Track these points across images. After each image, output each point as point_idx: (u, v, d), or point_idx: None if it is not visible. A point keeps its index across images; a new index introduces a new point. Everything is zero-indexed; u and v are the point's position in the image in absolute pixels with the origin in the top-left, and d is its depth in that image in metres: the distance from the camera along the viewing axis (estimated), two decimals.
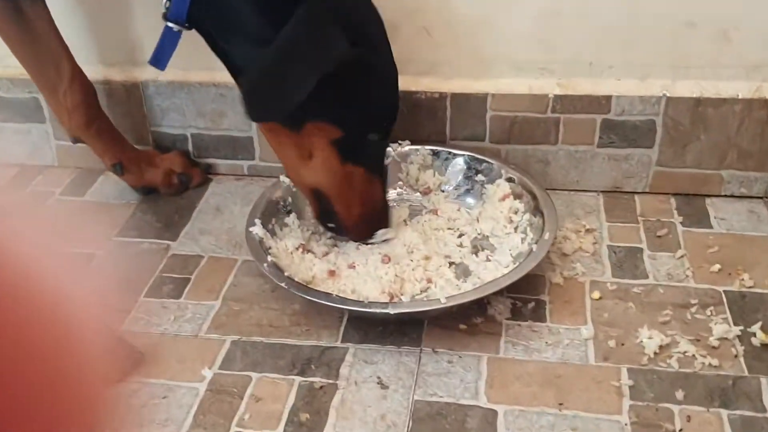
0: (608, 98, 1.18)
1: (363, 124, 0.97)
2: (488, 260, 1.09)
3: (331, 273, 1.06)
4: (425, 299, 1.01)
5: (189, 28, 0.95)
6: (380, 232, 1.08)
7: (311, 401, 0.93)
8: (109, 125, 1.24)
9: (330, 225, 1.07)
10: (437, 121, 1.24)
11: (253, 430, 0.90)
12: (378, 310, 0.96)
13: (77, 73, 1.17)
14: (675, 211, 1.20)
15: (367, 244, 1.08)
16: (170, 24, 0.95)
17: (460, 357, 0.97)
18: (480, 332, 1.01)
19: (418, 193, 1.21)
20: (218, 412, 0.92)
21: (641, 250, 1.13)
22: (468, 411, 0.90)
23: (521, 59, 1.20)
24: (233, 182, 1.32)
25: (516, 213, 1.14)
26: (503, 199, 1.16)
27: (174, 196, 1.28)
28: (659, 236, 1.15)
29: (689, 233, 1.16)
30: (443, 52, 1.21)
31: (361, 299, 0.99)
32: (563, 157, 1.24)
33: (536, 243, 1.04)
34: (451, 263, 1.08)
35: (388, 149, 1.12)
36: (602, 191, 1.25)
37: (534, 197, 1.13)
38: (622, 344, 0.98)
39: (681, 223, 1.18)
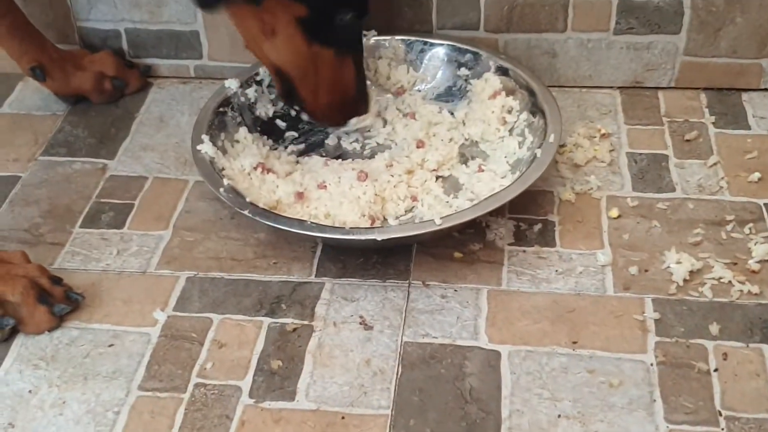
0: None
1: (331, 1, 0.99)
2: (481, 170, 1.09)
3: (299, 195, 1.05)
4: (415, 221, 1.01)
5: None
6: (353, 120, 1.10)
7: (283, 346, 0.93)
8: (25, 21, 1.21)
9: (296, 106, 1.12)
10: (421, 6, 1.22)
11: (217, 381, 0.91)
12: (361, 237, 0.96)
13: None
14: (706, 110, 1.21)
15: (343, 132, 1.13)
16: None
17: (456, 291, 0.98)
18: (478, 261, 1.01)
19: (390, 95, 1.20)
20: (175, 361, 0.92)
21: (666, 157, 1.14)
22: (466, 353, 0.92)
23: None
24: (178, 86, 1.30)
25: (510, 112, 1.14)
26: (493, 96, 1.15)
27: (108, 105, 1.26)
28: (688, 140, 1.16)
29: (723, 136, 1.16)
30: None
31: (339, 225, 1.00)
32: (573, 48, 1.23)
33: (539, 148, 1.04)
34: (437, 177, 1.09)
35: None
36: (620, 87, 1.25)
37: (532, 93, 1.13)
38: (646, 271, 0.99)
39: (713, 123, 1.18)
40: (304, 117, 1.14)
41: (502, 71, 1.16)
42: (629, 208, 1.07)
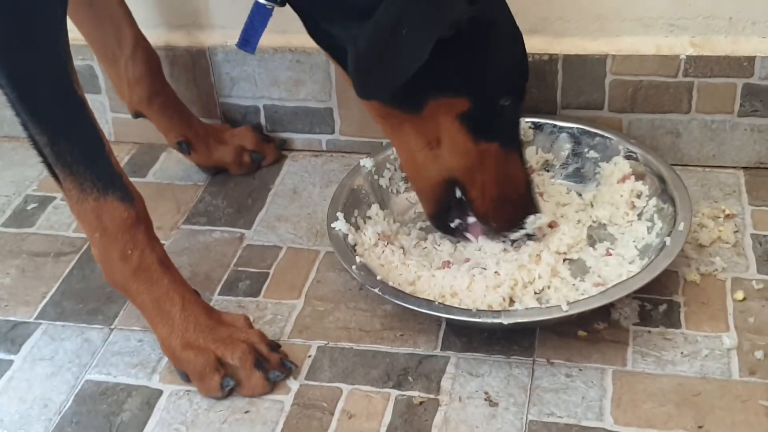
0: (751, 59, 1.15)
1: (493, 89, 0.97)
2: (609, 254, 1.07)
3: (446, 264, 1.06)
4: (542, 306, 0.99)
5: (282, 5, 0.95)
6: (530, 219, 1.05)
7: (410, 419, 0.93)
8: (174, 98, 1.25)
9: (451, 225, 1.07)
10: (547, 87, 1.22)
11: None
12: (488, 320, 0.96)
13: (140, 39, 1.19)
14: None
15: (508, 238, 1.07)
16: (262, 0, 0.94)
17: (581, 370, 0.97)
18: (603, 340, 1.00)
19: None
20: (307, 430, 0.93)
21: None
22: None
23: (647, 14, 1.17)
24: (310, 159, 1.33)
25: (639, 197, 1.12)
26: (622, 180, 1.14)
27: (246, 176, 1.30)
28: None
29: None
30: (555, 6, 1.19)
31: (465, 307, 1.00)
32: (697, 129, 1.21)
33: (668, 235, 1.02)
34: (565, 259, 1.07)
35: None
36: (744, 167, 1.22)
37: (661, 179, 1.11)
38: None
39: None
40: (458, 237, 1.10)
41: (632, 155, 1.15)
42: (755, 290, 1.04)
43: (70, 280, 1.15)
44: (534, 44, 1.19)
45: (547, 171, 1.20)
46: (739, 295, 1.03)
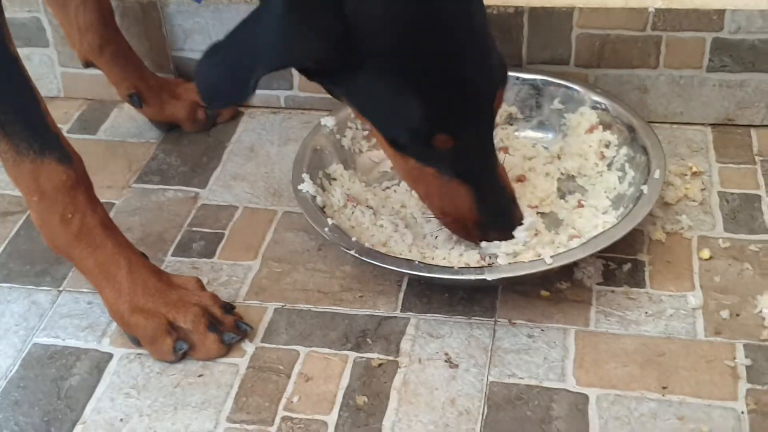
0: (721, 12, 1.14)
1: (401, 121, 0.90)
2: (581, 206, 1.07)
3: None
4: (526, 261, 0.97)
5: None
6: (518, 233, 1.00)
7: (369, 381, 0.93)
8: (126, 48, 1.23)
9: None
10: (512, 41, 1.21)
11: (304, 415, 0.90)
12: (472, 277, 0.96)
13: None
14: None
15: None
16: None
17: (543, 330, 0.97)
18: (565, 300, 1.00)
19: None
20: (263, 393, 0.92)
21: (759, 197, 1.11)
22: (554, 395, 0.90)
23: None
24: (268, 116, 1.31)
25: (608, 146, 1.12)
26: (590, 131, 1.14)
27: (200, 134, 1.28)
28: None
29: None
30: None
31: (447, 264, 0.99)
32: (665, 84, 1.21)
33: (645, 184, 1.02)
34: (538, 212, 1.07)
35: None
36: (711, 124, 1.22)
37: (630, 128, 1.11)
38: (738, 315, 0.96)
39: None
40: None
41: (598, 106, 1.14)
42: (721, 249, 1.04)
43: (17, 240, 1.13)
44: None
45: (511, 125, 1.19)
46: (705, 253, 1.03)
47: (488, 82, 0.91)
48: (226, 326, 0.97)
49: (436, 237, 1.03)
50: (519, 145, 1.16)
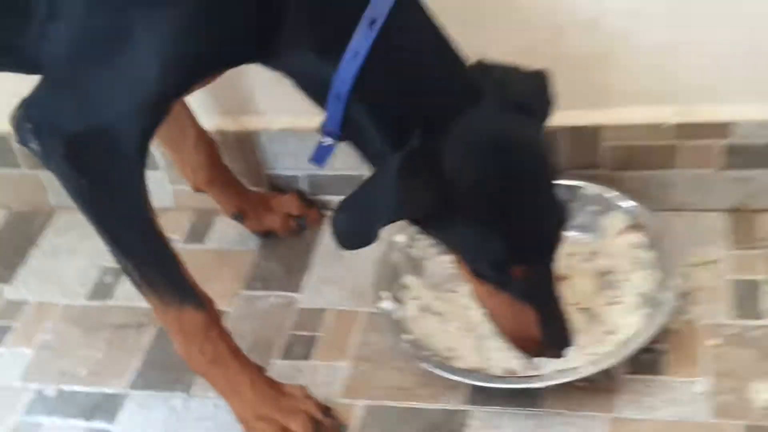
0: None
1: (481, 254, 1.11)
2: (615, 302, 1.30)
3: None
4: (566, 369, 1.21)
5: (342, 140, 1.12)
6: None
7: None
8: (231, 178, 1.49)
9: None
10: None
11: None
12: (523, 386, 1.22)
13: (201, 133, 1.42)
14: None
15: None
16: (324, 140, 1.12)
17: (579, 417, 1.20)
18: (595, 390, 1.22)
19: None
20: None
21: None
22: None
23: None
24: None
25: (636, 248, 1.34)
26: (622, 233, 1.36)
27: (293, 238, 1.53)
28: None
29: None
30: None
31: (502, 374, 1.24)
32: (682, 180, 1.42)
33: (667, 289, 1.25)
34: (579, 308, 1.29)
35: None
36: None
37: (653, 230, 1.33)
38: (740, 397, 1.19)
39: None
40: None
41: (628, 210, 1.36)
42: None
43: (153, 351, 1.41)
44: None
45: None
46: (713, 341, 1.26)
47: (555, 224, 1.12)
48: (327, 429, 1.23)
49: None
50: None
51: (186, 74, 1.09)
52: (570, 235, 1.37)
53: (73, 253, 1.60)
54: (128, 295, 1.48)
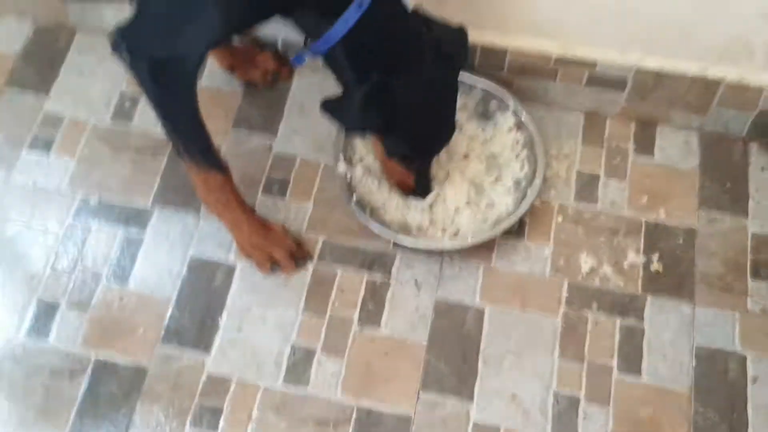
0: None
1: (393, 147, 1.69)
2: (497, 181, 1.88)
3: None
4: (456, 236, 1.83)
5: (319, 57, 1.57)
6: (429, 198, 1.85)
7: (374, 295, 1.80)
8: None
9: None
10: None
11: (339, 313, 1.79)
12: (433, 247, 1.81)
13: None
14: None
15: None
16: (307, 53, 1.56)
17: (467, 264, 1.83)
18: (480, 246, 1.84)
19: None
20: (317, 296, 1.80)
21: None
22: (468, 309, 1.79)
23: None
24: (312, 78, 2.02)
25: (518, 143, 1.90)
26: (510, 130, 1.91)
27: (269, 89, 2.01)
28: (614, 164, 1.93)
29: (635, 161, 1.94)
30: None
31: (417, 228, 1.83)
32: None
33: (533, 176, 1.84)
34: (472, 182, 1.87)
35: None
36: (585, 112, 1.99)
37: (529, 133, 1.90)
38: (568, 263, 1.83)
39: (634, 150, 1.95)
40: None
41: (516, 110, 1.91)
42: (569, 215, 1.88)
43: (167, 174, 1.91)
44: None
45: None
46: (560, 218, 1.88)
47: (445, 141, 1.71)
48: (300, 256, 1.83)
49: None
50: (468, 128, 1.93)
51: (235, 27, 1.56)
52: (474, 124, 1.94)
53: (95, 75, 2.03)
54: (145, 121, 1.97)
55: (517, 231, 1.87)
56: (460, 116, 1.94)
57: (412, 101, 1.55)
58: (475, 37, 1.86)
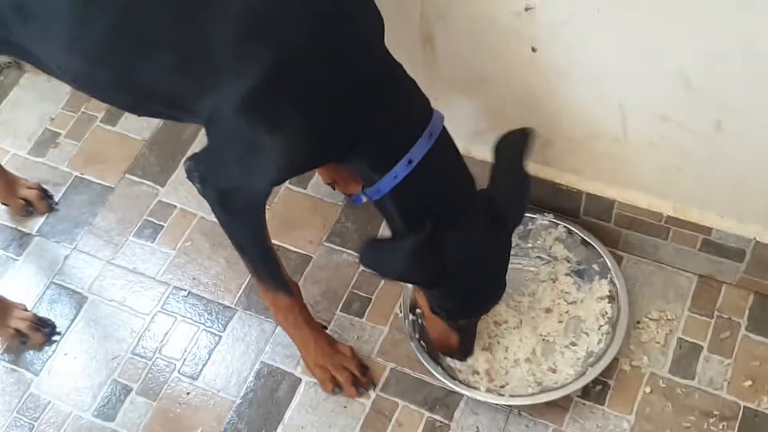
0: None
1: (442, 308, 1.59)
2: (571, 346, 1.74)
3: None
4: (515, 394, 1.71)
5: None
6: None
7: None
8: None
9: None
10: None
11: None
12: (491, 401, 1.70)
13: None
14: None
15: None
16: (363, 197, 1.53)
17: (535, 423, 1.70)
18: (555, 405, 1.71)
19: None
20: (375, 426, 1.72)
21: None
22: None
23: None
24: None
25: (604, 316, 1.76)
26: (602, 299, 1.77)
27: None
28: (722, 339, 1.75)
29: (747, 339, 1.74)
30: None
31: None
32: None
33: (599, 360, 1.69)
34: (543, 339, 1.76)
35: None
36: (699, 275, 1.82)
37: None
38: None
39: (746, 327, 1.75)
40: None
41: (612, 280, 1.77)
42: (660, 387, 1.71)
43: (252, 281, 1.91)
44: None
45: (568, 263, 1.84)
46: (648, 389, 1.71)
47: (492, 304, 1.62)
48: (362, 383, 1.77)
49: None
50: (563, 281, 1.82)
51: (297, 171, 1.62)
52: (569, 281, 1.82)
53: None
54: None
55: (598, 394, 1.72)
56: (561, 267, 1.83)
57: (462, 258, 1.48)
58: (578, 183, 1.77)
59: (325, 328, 1.84)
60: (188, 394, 1.81)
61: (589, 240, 1.80)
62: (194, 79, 1.36)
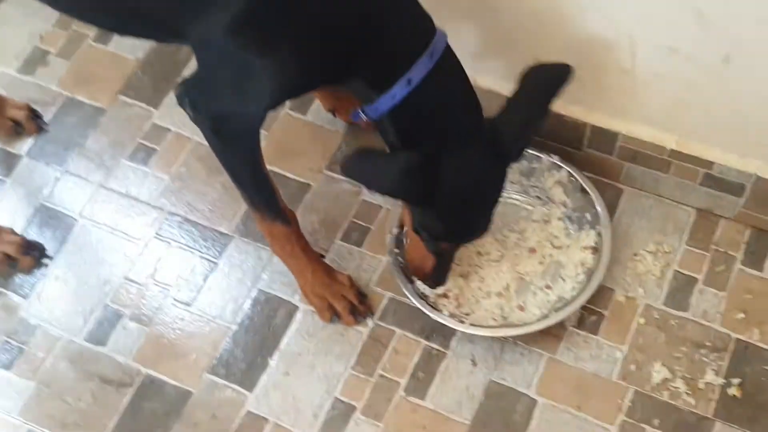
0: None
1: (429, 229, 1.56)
2: (545, 289, 1.75)
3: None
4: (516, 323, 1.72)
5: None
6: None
7: (427, 364, 1.72)
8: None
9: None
10: None
11: (391, 375, 1.72)
12: (486, 334, 1.71)
13: None
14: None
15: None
16: (361, 114, 1.48)
17: (530, 352, 1.71)
18: (549, 333, 1.72)
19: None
20: (372, 353, 1.73)
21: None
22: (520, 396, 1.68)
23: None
24: None
25: (583, 265, 1.75)
26: (585, 249, 1.77)
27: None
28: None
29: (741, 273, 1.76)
30: None
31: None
32: None
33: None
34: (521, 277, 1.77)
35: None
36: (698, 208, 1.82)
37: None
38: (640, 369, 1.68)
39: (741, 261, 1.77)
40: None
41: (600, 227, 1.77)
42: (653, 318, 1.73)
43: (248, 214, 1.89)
44: None
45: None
46: (642, 320, 1.73)
47: (479, 233, 1.59)
48: (360, 312, 1.77)
49: None
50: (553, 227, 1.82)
51: (288, 96, 1.60)
52: (561, 225, 1.82)
53: None
54: None
55: (592, 324, 1.73)
56: (556, 211, 1.83)
57: (456, 183, 1.45)
58: (584, 115, 1.76)
59: (323, 257, 1.83)
60: (182, 320, 1.81)
61: (588, 189, 1.79)
62: (181, 1, 1.33)
